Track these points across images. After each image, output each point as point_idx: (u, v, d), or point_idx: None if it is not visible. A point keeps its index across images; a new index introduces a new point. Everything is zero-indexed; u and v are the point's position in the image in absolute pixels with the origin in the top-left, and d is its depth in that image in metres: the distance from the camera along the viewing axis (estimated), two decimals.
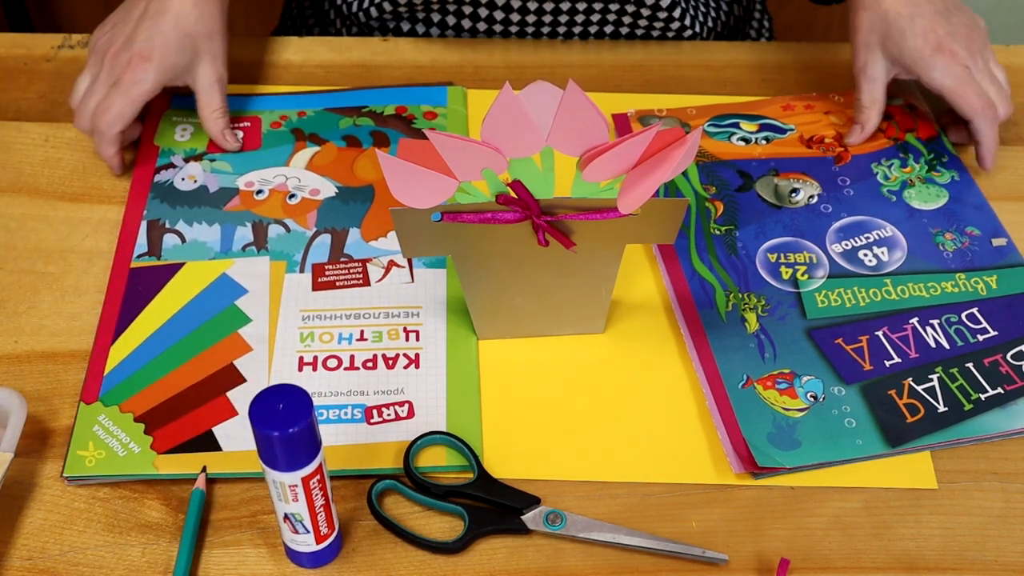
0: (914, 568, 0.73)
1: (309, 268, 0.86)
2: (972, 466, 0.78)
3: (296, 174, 0.92)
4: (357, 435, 0.78)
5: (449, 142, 0.71)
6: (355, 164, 0.93)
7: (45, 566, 0.73)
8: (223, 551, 0.73)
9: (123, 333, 0.82)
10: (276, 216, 0.89)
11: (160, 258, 0.87)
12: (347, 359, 0.81)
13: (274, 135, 0.96)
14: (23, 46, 1.05)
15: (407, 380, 0.80)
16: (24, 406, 0.76)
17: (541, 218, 0.74)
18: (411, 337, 0.82)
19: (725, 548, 0.74)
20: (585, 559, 0.73)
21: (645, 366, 0.83)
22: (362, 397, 0.79)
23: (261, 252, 0.87)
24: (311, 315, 0.83)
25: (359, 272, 0.86)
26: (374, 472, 0.76)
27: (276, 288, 0.85)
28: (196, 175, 0.93)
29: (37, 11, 1.76)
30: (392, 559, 0.73)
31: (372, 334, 0.82)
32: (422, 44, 1.06)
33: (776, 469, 0.76)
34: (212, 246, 0.88)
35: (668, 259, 0.88)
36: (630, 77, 1.04)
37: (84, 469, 0.75)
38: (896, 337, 0.82)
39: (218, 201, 0.91)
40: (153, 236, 0.88)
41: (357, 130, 0.96)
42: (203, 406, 0.79)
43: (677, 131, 0.72)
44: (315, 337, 0.82)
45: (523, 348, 0.84)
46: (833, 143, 0.96)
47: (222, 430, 0.77)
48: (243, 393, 0.79)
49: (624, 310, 0.86)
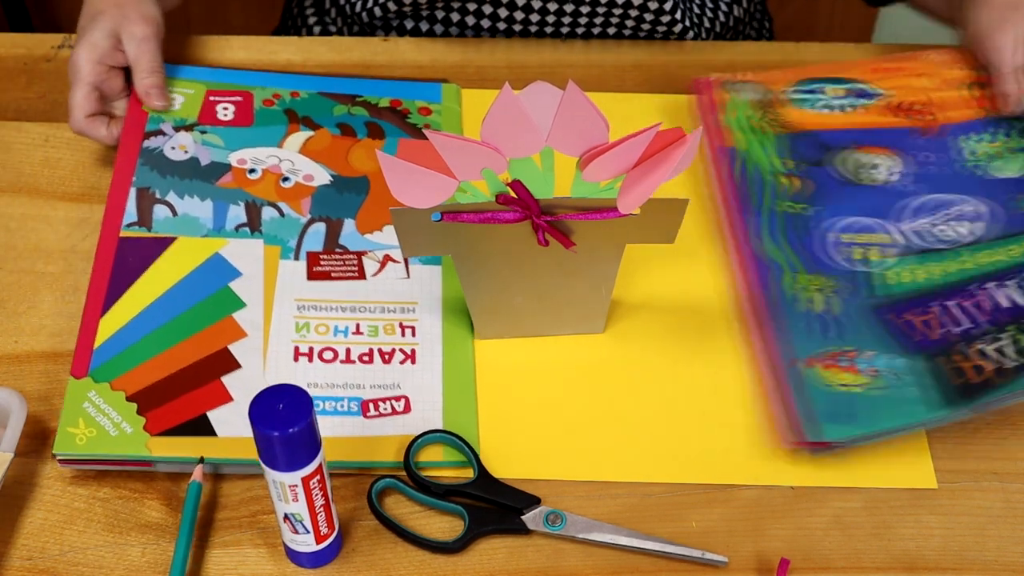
0: (914, 568, 0.73)
1: (304, 256, 0.86)
2: (972, 466, 0.78)
3: (290, 157, 0.92)
4: (354, 428, 0.78)
5: (449, 142, 0.71)
6: (350, 154, 0.93)
7: (45, 566, 0.73)
8: (223, 551, 0.73)
9: (113, 306, 0.81)
10: (270, 198, 0.89)
11: (151, 230, 0.86)
12: (343, 352, 0.81)
13: (266, 113, 0.95)
14: (23, 46, 1.05)
15: (403, 375, 0.80)
16: (24, 406, 0.76)
17: (541, 218, 0.74)
18: (407, 333, 0.82)
19: (725, 548, 0.74)
20: (585, 559, 0.73)
21: (645, 366, 0.83)
22: (358, 391, 0.79)
23: (255, 234, 0.86)
24: (306, 305, 0.83)
25: (354, 265, 0.85)
26: (374, 465, 0.76)
27: (271, 273, 0.85)
28: (187, 145, 0.91)
29: (37, 11, 1.76)
30: (392, 559, 0.73)
31: (368, 328, 0.82)
32: (423, 44, 1.06)
33: (833, 444, 0.75)
34: (205, 222, 0.87)
35: (735, 236, 0.86)
36: (630, 77, 1.04)
37: (74, 447, 0.75)
38: (968, 304, 0.80)
39: (210, 175, 0.90)
40: (143, 205, 0.87)
41: (352, 119, 0.95)
42: (197, 389, 0.78)
43: (677, 131, 0.72)
44: (311, 328, 0.82)
45: (523, 348, 0.84)
46: (922, 110, 0.92)
47: (217, 415, 0.77)
48: (238, 379, 0.79)
49: (624, 310, 0.86)
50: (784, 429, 0.76)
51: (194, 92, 0.95)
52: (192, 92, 0.95)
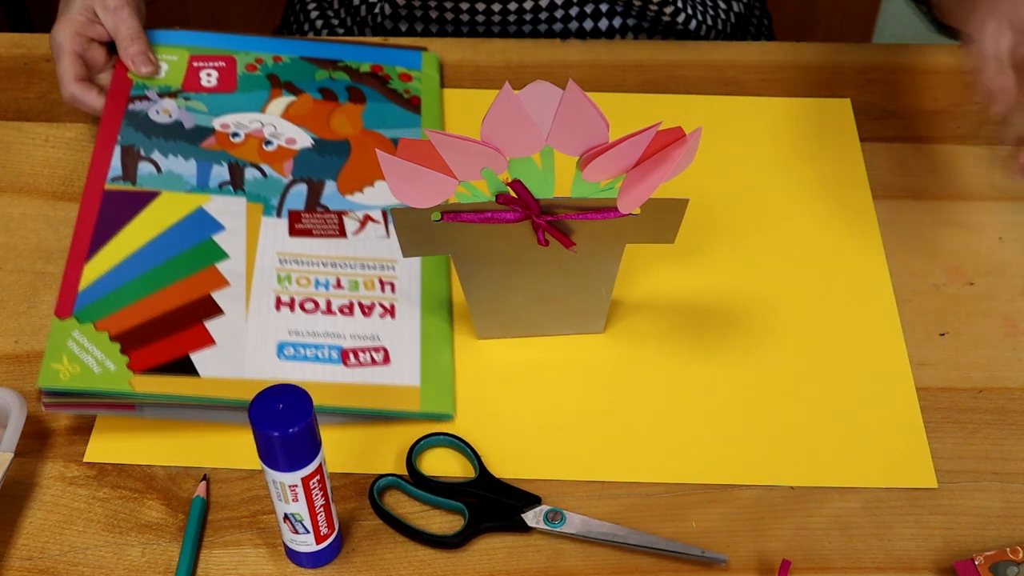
0: (914, 568, 0.73)
1: (286, 214, 0.87)
2: (972, 466, 0.78)
3: (272, 121, 0.93)
4: (335, 375, 0.79)
5: (449, 142, 0.71)
6: (331, 118, 0.94)
7: (45, 566, 0.73)
8: (223, 551, 0.73)
9: (97, 253, 0.82)
10: (252, 160, 0.90)
11: (135, 184, 0.86)
12: (324, 303, 0.82)
13: (249, 78, 0.96)
14: (23, 46, 1.05)
15: (383, 328, 0.82)
16: (24, 406, 0.76)
17: (541, 218, 0.74)
18: (387, 288, 0.84)
19: (725, 548, 0.74)
20: (585, 559, 0.73)
21: (645, 366, 0.83)
22: (339, 340, 0.80)
23: (238, 192, 0.87)
24: (288, 259, 0.84)
25: (335, 223, 0.87)
26: (355, 412, 0.78)
27: (253, 229, 0.86)
28: (171, 110, 0.92)
29: (37, 11, 1.76)
30: (392, 559, 0.73)
31: (348, 282, 0.83)
32: (422, 43, 1.06)
33: None
34: (188, 180, 0.88)
35: None
36: (630, 77, 1.04)
37: (58, 382, 0.75)
38: None
39: (194, 138, 0.91)
40: (128, 162, 0.88)
41: (333, 83, 0.97)
42: (180, 332, 0.79)
43: (677, 131, 0.72)
44: (292, 280, 0.83)
45: (523, 348, 0.84)
46: None
47: (200, 357, 0.78)
48: (220, 324, 0.80)
49: (624, 310, 0.86)
50: None
51: (177, 59, 0.96)
52: (175, 59, 0.96)
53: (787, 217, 0.93)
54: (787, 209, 0.93)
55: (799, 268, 0.89)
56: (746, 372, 0.83)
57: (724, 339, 0.85)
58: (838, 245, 0.91)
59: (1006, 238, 0.91)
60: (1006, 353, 0.84)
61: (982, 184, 0.95)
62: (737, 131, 0.99)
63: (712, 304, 0.87)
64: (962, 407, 0.81)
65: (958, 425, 0.80)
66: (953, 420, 0.81)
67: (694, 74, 1.04)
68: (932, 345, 0.85)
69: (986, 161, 0.97)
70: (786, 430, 0.80)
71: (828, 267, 0.89)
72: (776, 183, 0.95)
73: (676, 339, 0.84)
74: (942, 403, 0.82)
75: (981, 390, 0.82)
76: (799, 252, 0.90)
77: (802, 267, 0.89)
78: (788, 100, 1.02)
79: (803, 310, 0.87)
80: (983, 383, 0.83)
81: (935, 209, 0.94)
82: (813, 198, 0.94)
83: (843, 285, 0.88)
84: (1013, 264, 0.90)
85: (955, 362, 0.84)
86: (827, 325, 0.86)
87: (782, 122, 1.00)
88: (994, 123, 0.87)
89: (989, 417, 0.81)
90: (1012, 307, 0.87)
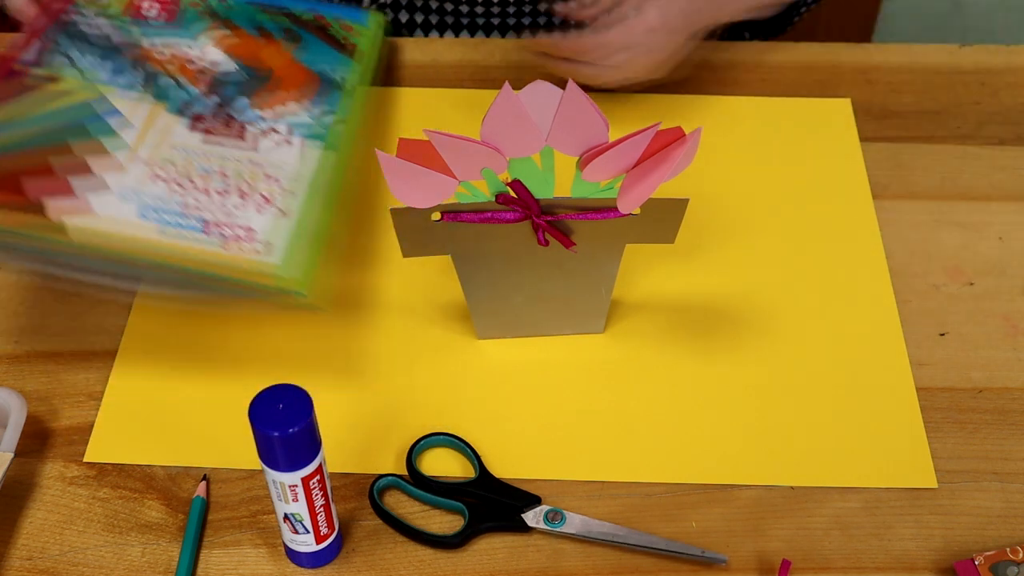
0: (914, 568, 0.73)
1: (189, 115, 0.86)
2: (972, 466, 0.78)
3: (201, 46, 0.93)
4: (191, 241, 0.77)
5: (449, 142, 0.71)
6: (262, 51, 0.93)
7: (45, 566, 0.73)
8: (223, 551, 0.73)
9: None
10: (171, 73, 0.89)
11: (43, 67, 0.86)
12: (200, 183, 0.81)
13: (191, 13, 0.95)
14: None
15: (256, 214, 0.80)
16: (24, 406, 0.76)
17: (541, 218, 0.74)
18: (271, 182, 0.82)
19: (725, 548, 0.74)
20: (585, 559, 0.73)
21: (645, 366, 0.83)
22: (204, 213, 0.79)
23: (146, 91, 0.87)
24: (179, 146, 0.83)
25: (237, 129, 0.86)
26: (198, 273, 0.76)
27: (151, 120, 0.85)
28: (103, 27, 0.92)
29: None
30: (392, 559, 0.73)
31: (233, 171, 0.82)
32: (422, 44, 1.06)
33: None
34: (100, 75, 0.87)
35: None
36: None
37: None
38: None
39: (120, 49, 0.90)
40: (44, 52, 0.88)
41: (272, 24, 0.96)
42: (43, 180, 0.78)
43: (677, 130, 0.72)
44: (176, 162, 0.82)
45: (523, 348, 0.84)
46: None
47: (55, 203, 0.76)
48: (86, 183, 0.78)
49: (624, 310, 0.86)
50: None
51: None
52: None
53: (787, 217, 0.93)
54: (787, 209, 0.93)
55: (799, 268, 0.89)
56: (746, 372, 0.83)
57: (724, 339, 0.85)
58: (838, 245, 0.91)
59: (1006, 238, 0.91)
60: (1006, 353, 0.85)
61: (982, 184, 0.95)
62: (737, 131, 0.99)
63: (712, 304, 0.87)
64: (962, 407, 0.81)
65: (958, 425, 0.80)
66: (953, 420, 0.81)
67: (694, 74, 1.04)
68: (932, 345, 0.85)
69: (986, 161, 0.97)
70: (786, 430, 0.80)
71: (828, 267, 0.89)
72: (776, 183, 0.95)
73: (676, 339, 0.84)
74: (942, 403, 0.82)
75: (981, 390, 0.82)
76: (799, 252, 0.90)
77: (802, 267, 0.89)
78: (788, 100, 1.02)
79: (803, 310, 0.87)
80: (983, 383, 0.83)
81: (935, 209, 0.94)
82: (813, 198, 0.94)
83: (843, 285, 0.88)
84: (1013, 264, 0.90)
85: (955, 362, 0.84)
86: (827, 325, 0.86)
87: (782, 122, 1.00)
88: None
89: (989, 417, 0.81)
90: (1012, 307, 0.87)
